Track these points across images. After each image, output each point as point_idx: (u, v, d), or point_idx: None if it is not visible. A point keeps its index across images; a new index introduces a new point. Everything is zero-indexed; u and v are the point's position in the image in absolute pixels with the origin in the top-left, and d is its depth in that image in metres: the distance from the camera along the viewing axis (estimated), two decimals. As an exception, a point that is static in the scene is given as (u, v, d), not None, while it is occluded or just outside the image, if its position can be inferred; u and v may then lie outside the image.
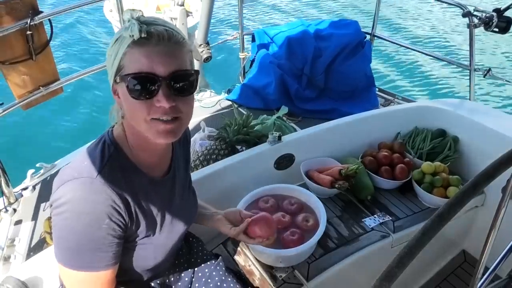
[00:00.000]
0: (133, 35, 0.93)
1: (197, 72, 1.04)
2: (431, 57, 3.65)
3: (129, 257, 1.15)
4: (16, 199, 2.43)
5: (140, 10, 0.98)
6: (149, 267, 1.22)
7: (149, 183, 1.13)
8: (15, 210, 2.38)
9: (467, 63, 2.98)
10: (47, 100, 2.47)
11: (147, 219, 1.12)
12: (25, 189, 2.51)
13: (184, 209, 1.29)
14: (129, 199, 1.05)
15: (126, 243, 1.10)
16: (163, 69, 0.96)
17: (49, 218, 2.16)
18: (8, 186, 2.36)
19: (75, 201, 0.97)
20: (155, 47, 0.95)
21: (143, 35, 0.93)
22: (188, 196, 1.35)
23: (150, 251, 1.17)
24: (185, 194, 1.32)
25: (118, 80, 0.99)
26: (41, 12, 2.22)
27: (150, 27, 0.95)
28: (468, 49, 2.91)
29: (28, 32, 2.17)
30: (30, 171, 2.63)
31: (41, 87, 2.39)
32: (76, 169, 1.01)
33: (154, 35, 0.95)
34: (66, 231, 0.99)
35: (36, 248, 2.17)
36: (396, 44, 3.79)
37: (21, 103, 2.33)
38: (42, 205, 2.43)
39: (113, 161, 1.04)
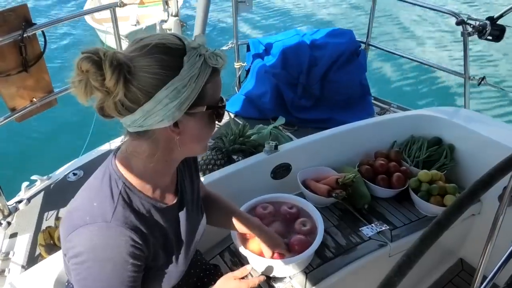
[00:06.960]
0: (216, 65, 0.97)
1: None
2: (426, 65, 3.66)
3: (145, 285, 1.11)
4: (11, 212, 2.41)
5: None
6: None
7: (161, 211, 1.09)
8: (9, 223, 2.35)
9: (461, 71, 2.99)
10: (41, 112, 2.46)
11: (164, 248, 1.10)
12: (19, 202, 2.49)
13: (196, 228, 1.27)
14: (146, 233, 1.02)
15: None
16: None
17: (44, 231, 2.14)
18: (2, 199, 2.34)
19: (95, 249, 0.93)
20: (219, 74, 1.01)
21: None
22: (197, 212, 1.31)
23: (166, 278, 1.14)
24: (194, 210, 1.27)
25: (193, 111, 0.96)
26: (34, 24, 2.21)
27: (216, 54, 0.99)
28: (462, 57, 2.92)
29: (21, 44, 2.16)
30: (25, 184, 2.61)
31: (35, 99, 2.38)
32: (87, 212, 0.97)
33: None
34: (92, 280, 0.95)
35: (31, 261, 2.14)
36: (391, 53, 3.80)
37: (15, 116, 2.32)
38: (37, 218, 2.41)
39: (124, 198, 1.00)
